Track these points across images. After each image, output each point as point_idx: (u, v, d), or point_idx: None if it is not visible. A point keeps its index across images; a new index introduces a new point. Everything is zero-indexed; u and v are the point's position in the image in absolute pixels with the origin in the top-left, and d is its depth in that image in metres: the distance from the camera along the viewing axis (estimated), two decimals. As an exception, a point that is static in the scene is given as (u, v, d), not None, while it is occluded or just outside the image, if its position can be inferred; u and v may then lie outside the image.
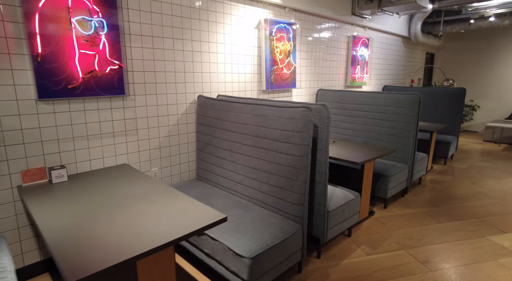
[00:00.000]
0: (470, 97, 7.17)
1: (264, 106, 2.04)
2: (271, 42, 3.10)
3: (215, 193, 2.31)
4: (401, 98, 3.14)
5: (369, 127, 3.43)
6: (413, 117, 3.07)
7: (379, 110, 3.33)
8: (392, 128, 3.23)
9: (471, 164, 4.56)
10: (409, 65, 6.28)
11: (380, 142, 3.34)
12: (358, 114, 3.52)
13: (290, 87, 3.43)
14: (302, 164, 1.83)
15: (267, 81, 3.14)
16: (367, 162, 2.44)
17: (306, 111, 1.80)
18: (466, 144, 5.91)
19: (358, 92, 3.51)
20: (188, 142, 2.64)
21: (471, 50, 7.04)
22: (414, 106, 3.06)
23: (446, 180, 3.85)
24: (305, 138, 1.80)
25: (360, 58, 4.49)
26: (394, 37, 5.48)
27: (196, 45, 2.55)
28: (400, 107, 3.15)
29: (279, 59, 3.20)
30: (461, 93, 4.54)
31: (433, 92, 4.80)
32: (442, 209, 3.00)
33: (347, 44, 4.32)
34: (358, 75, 4.53)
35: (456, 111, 4.61)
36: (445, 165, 4.49)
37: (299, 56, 3.56)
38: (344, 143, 2.99)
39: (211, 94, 2.74)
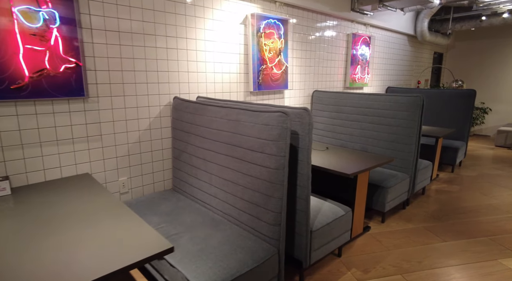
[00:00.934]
0: (481, 99, 6.78)
1: (238, 110, 1.78)
2: (259, 39, 2.84)
3: (187, 207, 2.06)
4: (401, 101, 2.85)
5: (368, 132, 3.14)
6: (415, 121, 2.77)
7: (378, 114, 3.04)
8: (392, 133, 2.94)
9: (481, 172, 4.22)
10: (415, 66, 5.94)
11: (379, 148, 3.05)
12: (355, 118, 3.23)
13: (281, 89, 3.17)
14: (278, 178, 1.56)
15: (255, 81, 2.89)
16: (361, 173, 2.16)
17: (282, 117, 1.53)
18: (477, 149, 5.54)
19: (356, 94, 3.22)
20: (163, 149, 2.40)
21: (483, 50, 6.65)
22: (416, 110, 2.76)
23: (453, 190, 3.53)
24: (281, 148, 1.54)
25: (360, 58, 4.19)
26: (399, 35, 5.16)
27: (171, 42, 2.31)
28: (400, 111, 2.86)
29: (268, 57, 2.94)
30: (471, 95, 4.20)
31: (440, 94, 4.47)
32: (447, 225, 2.70)
33: (346, 42, 4.03)
34: (359, 76, 4.23)
35: (465, 115, 4.27)
36: (452, 173, 4.16)
37: (291, 54, 3.29)
38: (338, 150, 2.72)
39: (189, 95, 2.50)
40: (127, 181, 2.24)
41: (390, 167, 3.00)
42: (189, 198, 2.22)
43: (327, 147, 2.84)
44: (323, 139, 3.59)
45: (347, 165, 2.23)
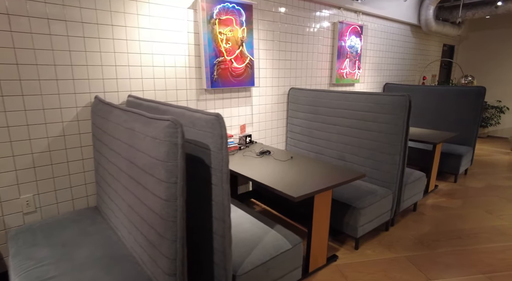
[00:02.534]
0: (497, 96, 6.08)
1: (135, 115, 1.35)
2: (213, 27, 2.39)
3: (95, 234, 1.65)
4: (383, 101, 2.34)
5: (346, 138, 2.65)
6: (400, 126, 2.27)
7: (357, 116, 2.54)
8: (373, 140, 2.44)
9: (490, 182, 3.63)
10: (420, 59, 5.33)
11: (359, 158, 2.56)
12: (332, 120, 2.74)
13: (246, 85, 2.71)
14: (168, 213, 1.13)
15: (209, 77, 2.44)
16: (314, 195, 1.69)
17: (170, 128, 1.09)
18: (489, 153, 4.91)
19: (334, 93, 2.73)
20: (84, 159, 2.00)
21: (500, 41, 5.94)
22: (400, 112, 2.25)
23: (452, 206, 2.99)
24: (170, 171, 1.10)
25: (349, 50, 3.66)
26: (399, 25, 4.58)
27: (90, 29, 1.89)
28: (382, 113, 2.35)
29: (225, 49, 2.49)
30: (480, 93, 3.61)
31: (444, 92, 3.89)
32: (436, 255, 2.19)
33: (332, 32, 3.52)
34: (347, 71, 3.71)
35: (472, 116, 3.69)
36: (455, 183, 3.60)
37: (259, 46, 2.82)
38: (303, 160, 2.25)
39: (118, 94, 2.08)
40: (34, 199, 1.85)
41: (371, 180, 2.51)
42: (106, 220, 1.82)
43: (291, 156, 2.37)
44: (299, 144, 3.12)
45: (302, 183, 1.77)
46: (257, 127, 2.99)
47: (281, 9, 2.92)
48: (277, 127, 3.19)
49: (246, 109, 2.86)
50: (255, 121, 2.96)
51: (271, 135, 3.15)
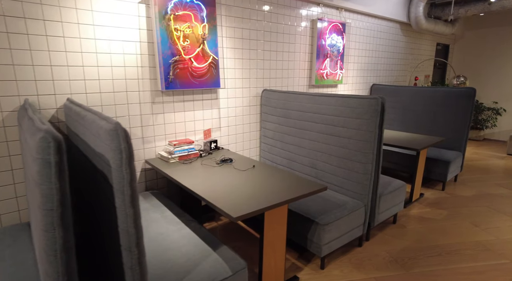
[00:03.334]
0: (494, 98, 5.83)
1: (29, 123, 1.14)
2: (168, 23, 2.18)
3: (15, 256, 1.45)
4: (353, 105, 2.12)
5: (317, 145, 2.43)
6: (372, 133, 2.04)
7: (327, 121, 2.32)
8: (344, 147, 2.22)
9: (480, 190, 3.40)
10: (412, 59, 5.09)
11: (331, 167, 2.34)
12: (303, 125, 2.52)
13: (210, 87, 2.50)
14: (48, 246, 0.92)
15: (164, 77, 2.23)
16: (263, 212, 1.48)
17: (42, 143, 0.88)
18: (484, 158, 4.66)
19: (305, 95, 2.51)
20: (13, 169, 1.80)
21: (496, 40, 5.69)
22: (372, 117, 2.03)
23: (436, 217, 2.76)
24: (45, 195, 0.89)
25: (330, 49, 3.44)
26: (387, 23, 4.35)
27: (15, 24, 1.69)
28: (352, 118, 2.13)
29: (183, 47, 2.28)
30: (470, 94, 3.38)
31: (433, 93, 3.66)
32: (411, 276, 1.97)
33: (310, 30, 3.30)
34: (328, 71, 3.49)
35: (462, 118, 3.46)
36: (443, 191, 3.36)
37: (225, 44, 2.60)
38: (265, 170, 2.03)
39: (56, 97, 1.88)
40: (-50, 215, 1.65)
41: (342, 191, 2.28)
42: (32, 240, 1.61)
43: (254, 165, 2.15)
44: (272, 150, 2.90)
45: (252, 197, 1.56)
46: (226, 132, 2.78)
47: (250, 5, 2.71)
48: (250, 132, 2.98)
49: (213, 112, 2.65)
50: (224, 125, 2.75)
51: (243, 140, 2.94)
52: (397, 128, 4.04)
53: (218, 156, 2.40)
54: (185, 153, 2.29)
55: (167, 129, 2.39)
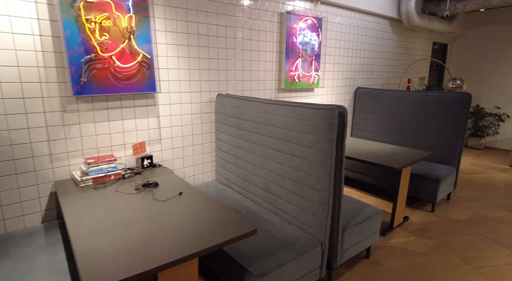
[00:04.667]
0: (496, 102, 5.33)
1: None
2: (78, 12, 1.75)
3: None
4: (305, 116, 1.67)
5: (270, 164, 1.98)
6: (327, 152, 1.59)
7: (279, 135, 1.87)
8: (297, 169, 1.77)
9: (476, 212, 2.92)
10: (404, 59, 4.62)
11: (284, 191, 1.89)
12: (256, 139, 2.08)
13: (141, 91, 2.06)
14: None
15: (75, 80, 1.80)
16: (154, 273, 1.04)
17: None
18: (483, 170, 4.17)
19: (257, 102, 2.06)
20: None
21: (498, 39, 5.19)
22: (326, 132, 1.58)
23: (420, 249, 2.30)
24: None
25: (302, 48, 2.99)
26: (374, 18, 3.88)
27: None
28: (305, 133, 1.68)
29: (100, 42, 1.84)
30: (465, 100, 2.91)
31: (422, 98, 3.19)
32: None
33: (279, 26, 2.85)
34: (300, 73, 3.03)
35: (456, 128, 2.99)
36: (432, 213, 2.89)
37: (164, 39, 2.16)
38: (191, 200, 1.59)
39: None
40: None
41: (297, 223, 1.83)
42: None
43: (181, 192, 1.71)
44: (227, 166, 2.46)
45: (140, 249, 1.12)
46: (169, 145, 2.34)
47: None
48: (202, 143, 2.53)
49: (149, 122, 2.21)
50: (166, 137, 2.31)
51: (193, 154, 2.49)
52: (381, 138, 3.58)
53: (148, 177, 1.96)
54: (102, 174, 1.85)
55: (85, 143, 1.96)
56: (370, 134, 3.69)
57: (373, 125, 3.65)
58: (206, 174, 2.61)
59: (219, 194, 2.27)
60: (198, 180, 2.57)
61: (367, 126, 3.71)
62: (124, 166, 2.09)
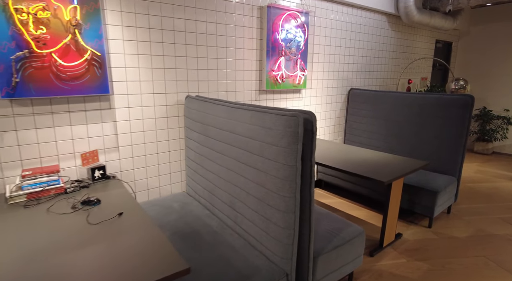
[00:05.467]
0: (505, 104, 4.98)
1: None
2: (5, 1, 1.51)
3: None
4: (268, 123, 1.40)
5: (234, 177, 1.72)
6: (291, 168, 1.32)
7: (242, 145, 1.61)
8: (261, 185, 1.50)
9: (479, 228, 2.61)
10: (405, 58, 4.31)
11: (248, 210, 1.62)
12: (221, 148, 1.81)
13: (92, 93, 1.82)
14: None
15: (5, 81, 1.56)
16: None
17: None
18: (489, 178, 3.84)
19: (223, 105, 1.80)
20: None
21: (507, 36, 4.84)
22: (290, 143, 1.31)
23: (412, 275, 2.01)
24: None
25: (285, 45, 2.72)
26: (369, 13, 3.59)
27: None
28: (267, 143, 1.41)
29: (36, 37, 1.60)
30: (466, 103, 2.61)
31: (420, 101, 2.90)
32: None
33: (259, 20, 2.58)
34: (283, 73, 2.76)
35: (457, 134, 2.69)
36: (429, 229, 2.59)
37: (119, 34, 1.92)
38: (129, 226, 1.34)
39: None
40: None
41: (261, 248, 1.56)
42: None
43: (121, 212, 1.45)
44: (195, 177, 2.20)
45: None
46: (128, 153, 2.09)
47: (160, -17, 2.02)
48: (169, 151, 2.28)
49: (104, 128, 1.96)
50: (125, 144, 2.07)
51: (158, 163, 2.24)
52: (376, 144, 3.28)
53: (91, 192, 1.71)
54: (40, 188, 1.61)
55: (25, 152, 1.72)
56: (365, 139, 3.40)
57: (367, 130, 3.36)
58: (175, 185, 2.36)
59: (182, 210, 2.02)
60: (165, 191, 2.32)
61: (361, 131, 3.42)
62: (68, 179, 1.85)
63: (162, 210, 1.99)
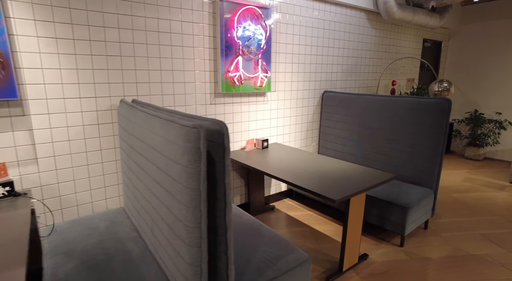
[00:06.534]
0: (497, 107, 4.70)
1: None
2: None
3: None
4: (171, 134, 1.15)
5: (151, 197, 1.46)
6: (194, 191, 1.06)
7: (154, 159, 1.35)
8: (169, 210, 1.24)
9: (457, 247, 2.34)
10: (388, 58, 4.04)
11: (162, 237, 1.37)
12: (141, 161, 1.56)
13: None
14: None
15: None
16: None
17: None
18: (478, 187, 3.57)
19: (141, 112, 1.55)
20: None
21: (499, 35, 4.56)
22: (192, 161, 1.05)
23: (370, 306, 1.74)
24: None
25: (242, 43, 2.47)
26: (345, 10, 3.33)
27: None
28: (172, 160, 1.16)
29: None
30: (443, 108, 2.34)
31: (395, 105, 2.64)
32: None
33: (211, 16, 2.33)
34: (241, 74, 2.50)
35: (433, 142, 2.42)
36: (401, 248, 2.32)
37: (35, 30, 1.67)
38: (-14, 260, 1.08)
39: None
40: None
41: None
42: None
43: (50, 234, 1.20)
44: (128, 192, 1.94)
45: None
46: (50, 165, 1.84)
47: (83, -28, 1.77)
48: (103, 162, 2.03)
49: (16, 137, 1.72)
50: (45, 156, 1.82)
51: (89, 176, 1.99)
52: (349, 151, 3.02)
53: (-13, 212, 1.46)
54: None
55: None
56: (339, 146, 3.14)
57: (341, 136, 3.09)
58: (112, 200, 2.11)
59: (107, 230, 1.76)
60: (99, 207, 2.07)
61: (334, 137, 3.16)
62: (-39, 198, 1.60)
63: (83, 231, 1.74)
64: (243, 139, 2.74)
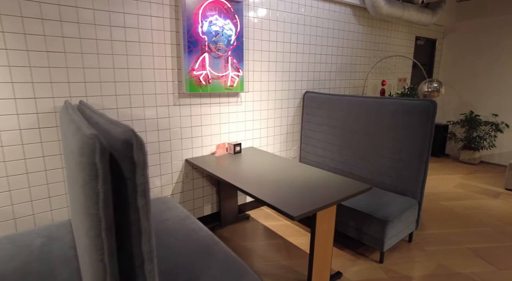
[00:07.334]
0: (493, 109, 4.48)
1: None
2: None
3: None
4: (75, 145, 0.95)
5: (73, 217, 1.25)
6: (92, 219, 0.86)
7: (70, 172, 1.15)
8: (82, 234, 1.04)
9: (442, 263, 2.13)
10: (379, 56, 3.82)
11: (83, 267, 1.16)
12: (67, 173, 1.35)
13: None
14: None
15: None
16: None
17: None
18: (471, 194, 3.35)
19: (68, 117, 1.34)
20: None
21: (497, 33, 4.34)
22: (87, 180, 0.84)
23: None
24: None
25: (209, 39, 2.26)
26: (330, 5, 3.11)
27: None
28: (74, 177, 0.96)
29: None
30: (428, 111, 2.13)
31: (378, 107, 2.43)
32: None
33: (173, 9, 2.12)
34: (208, 73, 2.30)
35: (417, 148, 2.21)
36: (380, 264, 2.12)
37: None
38: None
39: None
40: None
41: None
42: None
43: None
44: (71, 203, 1.74)
45: None
46: (-18, 174, 1.64)
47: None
48: (46, 170, 1.83)
49: None
50: (-24, 163, 1.62)
51: (30, 185, 1.79)
52: (331, 156, 2.81)
53: None
54: None
55: None
56: (320, 150, 2.93)
57: (322, 140, 2.89)
58: (58, 212, 1.91)
59: (40, 250, 1.56)
60: (43, 220, 1.87)
61: (316, 141, 2.95)
62: None
63: (10, 251, 1.54)
64: (213, 143, 2.53)
